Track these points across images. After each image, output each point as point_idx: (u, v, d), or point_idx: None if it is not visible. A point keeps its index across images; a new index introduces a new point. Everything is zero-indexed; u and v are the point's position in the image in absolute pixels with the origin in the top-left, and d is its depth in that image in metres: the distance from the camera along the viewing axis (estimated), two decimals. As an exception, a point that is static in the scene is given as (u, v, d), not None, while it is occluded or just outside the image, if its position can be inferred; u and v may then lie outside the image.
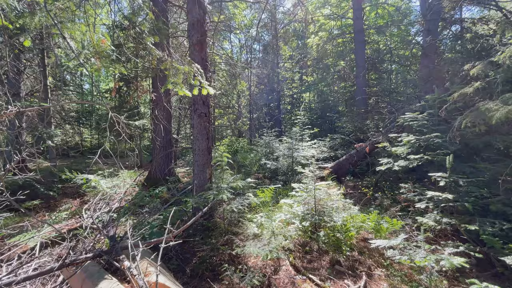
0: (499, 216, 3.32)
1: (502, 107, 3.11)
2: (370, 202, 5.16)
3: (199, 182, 3.74)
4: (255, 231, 3.17)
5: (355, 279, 2.93)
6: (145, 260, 2.23)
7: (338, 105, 15.13)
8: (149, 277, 1.94)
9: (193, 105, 3.81)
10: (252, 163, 8.82)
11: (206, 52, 3.80)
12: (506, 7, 7.57)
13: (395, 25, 10.38)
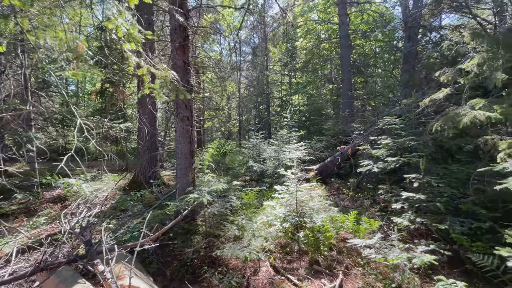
0: (469, 216, 3.49)
1: (469, 112, 3.29)
2: (351, 203, 5.30)
3: (181, 185, 3.76)
4: (236, 233, 3.21)
5: (331, 278, 3.02)
6: (121, 264, 2.24)
7: (326, 108, 15.40)
8: (123, 281, 1.96)
9: (176, 109, 3.83)
10: (240, 165, 8.86)
11: (188, 57, 3.83)
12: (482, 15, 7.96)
13: (379, 31, 10.70)
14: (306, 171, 7.93)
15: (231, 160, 9.55)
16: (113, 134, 6.72)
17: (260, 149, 8.28)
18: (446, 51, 5.78)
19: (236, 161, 9.20)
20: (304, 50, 15.89)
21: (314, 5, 15.09)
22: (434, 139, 3.83)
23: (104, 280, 1.87)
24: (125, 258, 2.78)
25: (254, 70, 17.15)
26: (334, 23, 12.41)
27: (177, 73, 3.77)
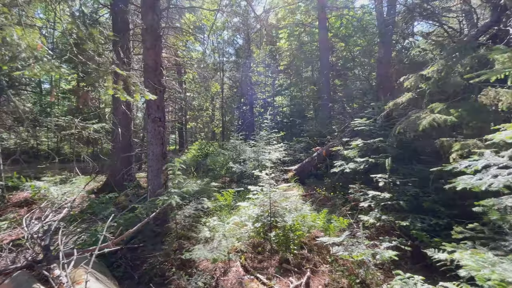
0: (430, 213, 3.70)
1: (429, 115, 3.50)
2: (325, 202, 5.45)
3: (153, 187, 3.72)
4: (207, 235, 3.22)
5: (299, 276, 3.10)
6: (81, 268, 2.19)
7: (308, 110, 15.69)
8: (81, 285, 1.92)
9: (147, 110, 3.78)
10: (220, 167, 8.84)
11: (160, 57, 3.80)
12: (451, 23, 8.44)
13: (357, 36, 11.07)
14: (285, 172, 8.06)
15: (212, 162, 9.51)
16: (86, 135, 6.50)
17: (240, 150, 8.31)
18: (415, 57, 6.10)
19: (217, 163, 9.17)
20: (286, 52, 16.15)
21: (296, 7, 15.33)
22: (399, 141, 4.03)
23: (59, 284, 1.82)
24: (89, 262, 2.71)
25: (237, 71, 17.16)
26: (314, 26, 12.69)
27: (148, 73, 3.74)
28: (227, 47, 17.66)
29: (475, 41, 6.42)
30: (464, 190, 2.66)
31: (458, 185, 2.20)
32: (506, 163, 2.29)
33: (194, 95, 17.40)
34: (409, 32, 9.52)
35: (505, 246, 2.01)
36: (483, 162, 2.36)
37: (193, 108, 17.25)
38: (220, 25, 16.80)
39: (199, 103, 18.18)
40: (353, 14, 12.06)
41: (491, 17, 7.01)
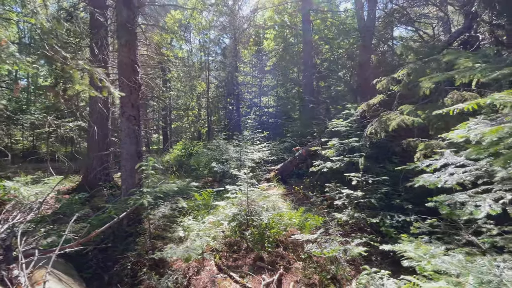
0: (399, 210, 3.86)
1: (398, 116, 3.65)
2: (304, 201, 5.54)
3: (127, 187, 3.65)
4: (181, 234, 3.21)
5: (272, 273, 3.15)
6: (43, 269, 2.12)
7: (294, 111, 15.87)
8: (41, 286, 1.87)
9: (121, 108, 3.72)
10: (203, 166, 8.79)
11: (135, 54, 3.74)
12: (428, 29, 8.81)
13: (340, 39, 11.32)
14: (268, 171, 8.13)
15: (195, 161, 9.44)
16: (61, 133, 6.28)
17: (223, 149, 8.30)
18: (392, 61, 6.32)
19: (201, 162, 9.12)
20: (272, 52, 16.25)
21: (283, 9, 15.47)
22: (372, 141, 4.17)
23: (18, 285, 1.77)
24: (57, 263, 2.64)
25: (223, 70, 17.09)
26: (299, 28, 12.85)
27: (122, 70, 3.67)
28: (213, 47, 17.54)
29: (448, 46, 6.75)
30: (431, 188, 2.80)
31: (417, 182, 2.31)
32: (463, 162, 2.43)
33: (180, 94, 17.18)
34: (389, 36, 9.87)
35: (458, 240, 2.14)
36: (442, 161, 2.50)
37: (178, 108, 17.02)
38: (206, 24, 16.68)
39: (185, 102, 17.96)
40: (337, 17, 12.33)
41: (463, 24, 7.39)
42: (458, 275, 1.25)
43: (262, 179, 7.54)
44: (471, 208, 1.73)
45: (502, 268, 1.40)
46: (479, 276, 1.21)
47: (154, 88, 12.22)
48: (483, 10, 6.72)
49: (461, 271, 1.28)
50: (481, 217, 1.62)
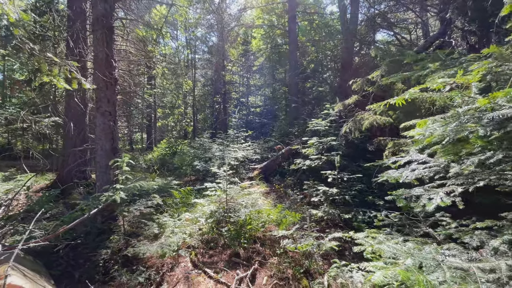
0: (372, 207, 4.01)
1: (371, 116, 3.79)
2: (285, 198, 5.63)
3: (101, 184, 3.59)
4: (155, 231, 3.19)
5: (247, 268, 3.19)
6: (5, 265, 2.06)
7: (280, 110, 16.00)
8: (1, 280, 1.82)
9: (97, 103, 3.64)
10: (186, 165, 8.73)
11: (112, 49, 3.68)
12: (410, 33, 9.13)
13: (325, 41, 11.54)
14: (251, 170, 8.18)
15: (179, 160, 9.35)
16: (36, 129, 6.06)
17: (206, 148, 8.28)
18: (369, 63, 6.51)
19: (185, 161, 9.05)
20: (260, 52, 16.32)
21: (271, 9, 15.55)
22: (348, 140, 4.30)
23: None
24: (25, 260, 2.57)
25: (210, 69, 16.98)
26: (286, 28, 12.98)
27: (98, 65, 3.60)
28: (200, 44, 17.38)
29: (424, 50, 7.05)
30: (401, 185, 2.93)
31: (382, 178, 2.43)
32: (425, 159, 2.57)
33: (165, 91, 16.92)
34: (371, 40, 10.16)
35: (417, 232, 2.27)
36: (407, 158, 2.63)
37: (164, 106, 16.76)
38: (193, 22, 16.52)
39: (171, 100, 17.70)
40: (323, 20, 12.55)
41: (439, 30, 7.73)
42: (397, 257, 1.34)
43: (245, 178, 7.58)
44: (424, 201, 1.85)
45: (446, 255, 1.51)
46: (421, 260, 1.31)
47: (138, 85, 11.98)
48: (456, 16, 7.06)
49: (406, 255, 1.37)
50: (432, 208, 1.73)
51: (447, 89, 1.43)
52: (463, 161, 2.15)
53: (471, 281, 1.21)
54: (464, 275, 1.22)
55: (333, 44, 12.24)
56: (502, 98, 1.25)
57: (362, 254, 3.69)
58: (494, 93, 1.21)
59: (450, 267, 1.28)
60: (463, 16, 6.93)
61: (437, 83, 1.35)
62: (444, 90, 1.44)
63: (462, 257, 1.52)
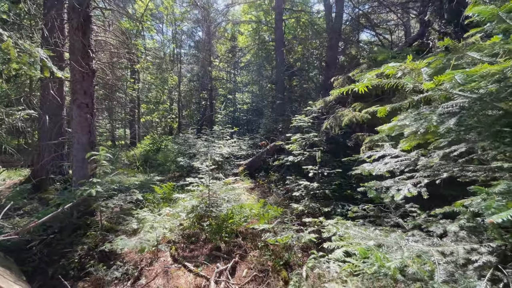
0: (350, 200, 4.14)
1: (351, 113, 3.90)
2: (269, 193, 5.70)
3: (77, 178, 3.48)
4: (134, 226, 3.14)
5: (227, 261, 3.22)
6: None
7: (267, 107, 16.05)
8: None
9: (73, 94, 3.52)
10: (170, 161, 8.61)
11: (89, 39, 3.56)
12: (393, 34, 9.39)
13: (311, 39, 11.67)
14: (237, 166, 8.19)
15: (163, 156, 9.21)
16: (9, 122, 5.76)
17: (191, 144, 8.19)
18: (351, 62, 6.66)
19: (169, 157, 8.92)
20: (247, 48, 16.26)
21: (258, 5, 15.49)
22: (329, 135, 4.41)
23: None
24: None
25: (196, 64, 16.73)
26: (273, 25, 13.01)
27: (74, 55, 3.48)
28: (187, 39, 17.06)
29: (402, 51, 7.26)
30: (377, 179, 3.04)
31: (356, 170, 2.52)
32: (397, 153, 2.69)
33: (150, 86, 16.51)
34: (355, 39, 10.39)
35: (387, 222, 2.38)
36: (381, 153, 2.74)
37: (148, 101, 16.37)
38: (179, 16, 16.18)
39: (156, 95, 17.31)
40: (309, 18, 12.67)
41: (418, 31, 8.02)
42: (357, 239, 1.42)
43: (230, 174, 7.58)
44: (393, 192, 1.94)
45: (410, 241, 1.60)
46: (384, 243, 1.39)
47: (120, 78, 11.64)
48: (434, 18, 7.35)
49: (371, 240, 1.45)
50: (399, 198, 1.83)
51: (399, 75, 1.50)
52: (431, 154, 2.28)
53: (427, 259, 1.29)
54: (421, 253, 1.31)
55: (319, 42, 12.42)
56: (447, 83, 1.33)
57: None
58: (439, 76, 1.28)
59: (410, 249, 1.36)
60: (440, 19, 7.23)
61: (389, 68, 1.41)
62: (397, 76, 1.51)
63: (424, 242, 1.62)
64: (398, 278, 1.66)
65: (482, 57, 1.46)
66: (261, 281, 2.96)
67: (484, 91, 1.38)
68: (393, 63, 1.48)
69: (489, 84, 1.39)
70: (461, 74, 1.23)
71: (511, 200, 1.35)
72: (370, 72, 1.57)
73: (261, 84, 16.80)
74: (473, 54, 1.46)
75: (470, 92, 1.41)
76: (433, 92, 1.43)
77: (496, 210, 1.24)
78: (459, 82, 1.27)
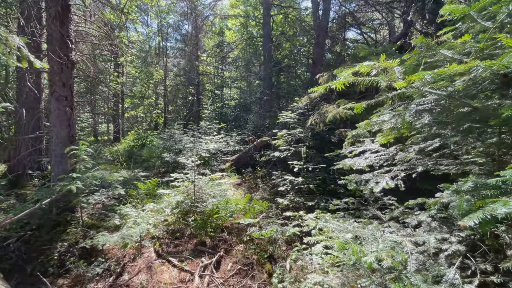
0: (334, 195, 4.25)
1: (335, 109, 3.98)
2: (256, 189, 5.75)
3: (56, 174, 3.36)
4: (116, 222, 3.09)
5: (212, 256, 3.24)
6: None
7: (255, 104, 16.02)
8: None
9: (51, 87, 3.38)
10: (155, 157, 8.47)
11: (68, 28, 3.42)
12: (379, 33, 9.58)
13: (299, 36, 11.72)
14: (224, 162, 8.17)
15: (148, 152, 9.03)
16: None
17: (177, 139, 8.08)
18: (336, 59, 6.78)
19: (154, 153, 8.76)
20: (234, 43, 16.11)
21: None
22: (314, 131, 4.48)
23: None
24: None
25: (183, 58, 16.40)
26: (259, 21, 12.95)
27: (52, 46, 3.33)
28: (173, 32, 16.67)
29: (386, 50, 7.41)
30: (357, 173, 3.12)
31: (338, 165, 2.59)
32: (377, 149, 2.78)
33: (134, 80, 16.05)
34: (341, 37, 10.54)
35: (366, 214, 2.47)
36: (362, 148, 2.83)
37: (133, 95, 15.92)
38: (165, 8, 15.76)
39: (141, 90, 16.85)
40: (297, 14, 12.70)
41: (401, 31, 8.24)
42: (341, 234, 1.48)
43: (216, 170, 7.55)
44: (372, 185, 2.02)
45: (385, 232, 1.68)
46: (361, 235, 1.46)
47: (103, 72, 11.25)
48: (416, 19, 7.57)
49: (349, 232, 1.51)
50: (378, 190, 1.91)
51: (373, 73, 1.56)
52: (408, 149, 2.38)
53: (400, 251, 1.37)
54: (395, 245, 1.38)
55: (307, 39, 12.50)
56: (418, 81, 1.40)
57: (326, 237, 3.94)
58: (410, 76, 1.34)
59: (384, 240, 1.43)
60: (421, 19, 7.46)
61: (363, 67, 1.47)
62: (371, 74, 1.57)
63: (398, 233, 1.71)
64: (375, 267, 1.75)
65: (453, 55, 1.54)
66: (245, 274, 3.00)
67: (452, 89, 1.45)
68: (367, 62, 1.53)
69: (459, 82, 1.47)
70: (430, 74, 1.30)
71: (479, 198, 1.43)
72: (347, 70, 1.61)
73: (249, 80, 16.74)
74: (445, 52, 1.54)
75: (440, 90, 1.49)
76: (406, 90, 1.49)
77: (466, 211, 1.29)
78: (429, 81, 1.34)
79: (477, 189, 1.35)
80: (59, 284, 2.57)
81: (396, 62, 1.41)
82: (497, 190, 1.28)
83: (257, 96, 13.76)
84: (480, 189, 1.30)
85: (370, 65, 1.50)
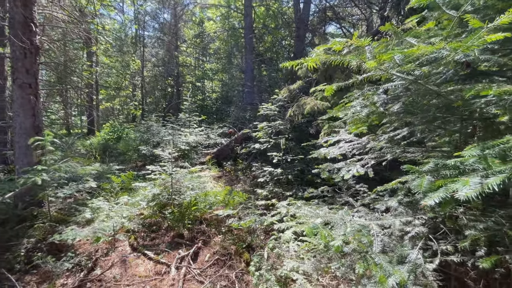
0: (311, 185, 4.36)
1: (313, 101, 4.05)
2: (236, 181, 5.75)
3: (21, 166, 3.14)
4: (87, 216, 2.97)
5: (190, 248, 3.22)
6: None
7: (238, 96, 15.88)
8: None
9: (13, 73, 3.12)
10: (133, 150, 8.18)
11: (32, 11, 3.16)
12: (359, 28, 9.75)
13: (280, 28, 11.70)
14: (204, 155, 8.07)
15: (124, 145, 8.70)
16: None
17: (154, 132, 7.85)
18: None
19: (130, 146, 8.46)
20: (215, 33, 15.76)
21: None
22: (293, 123, 4.54)
23: None
24: None
25: (162, 48, 15.81)
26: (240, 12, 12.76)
27: (14, 30, 3.08)
28: (151, 21, 15.96)
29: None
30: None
31: (313, 154, 2.65)
32: (351, 138, 2.87)
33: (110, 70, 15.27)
34: (322, 31, 10.65)
35: (339, 201, 2.57)
36: (337, 138, 2.91)
37: (108, 86, 15.17)
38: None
39: (116, 80, 16.08)
40: (278, 6, 12.63)
41: (378, 26, 8.48)
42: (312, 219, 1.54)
43: (197, 163, 7.45)
44: (344, 172, 2.10)
45: (354, 217, 1.76)
46: (330, 220, 1.52)
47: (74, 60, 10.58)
48: (393, 14, 7.81)
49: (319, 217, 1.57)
50: (349, 177, 1.99)
51: (345, 51, 1.59)
52: (378, 138, 2.48)
53: (367, 233, 1.44)
54: (361, 229, 1.45)
55: (288, 33, 12.51)
56: (388, 62, 1.45)
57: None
58: (380, 55, 1.38)
59: (353, 224, 1.49)
60: (397, 15, 7.71)
61: (336, 44, 1.50)
62: (343, 53, 1.60)
63: (366, 217, 1.79)
64: (345, 250, 1.83)
65: (418, 43, 1.61)
66: (223, 264, 3.02)
67: (418, 73, 1.52)
68: (339, 38, 1.56)
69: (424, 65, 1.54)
70: (400, 55, 1.34)
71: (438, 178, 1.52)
72: (319, 47, 1.62)
73: (231, 72, 16.52)
74: (410, 39, 1.60)
75: (406, 74, 1.55)
76: (375, 72, 1.54)
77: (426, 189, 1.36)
78: (398, 63, 1.39)
79: (438, 170, 1.43)
80: (26, 281, 2.44)
81: (367, 41, 1.44)
82: (456, 170, 1.35)
83: (239, 88, 13.65)
84: (440, 170, 1.37)
85: (342, 42, 1.53)
